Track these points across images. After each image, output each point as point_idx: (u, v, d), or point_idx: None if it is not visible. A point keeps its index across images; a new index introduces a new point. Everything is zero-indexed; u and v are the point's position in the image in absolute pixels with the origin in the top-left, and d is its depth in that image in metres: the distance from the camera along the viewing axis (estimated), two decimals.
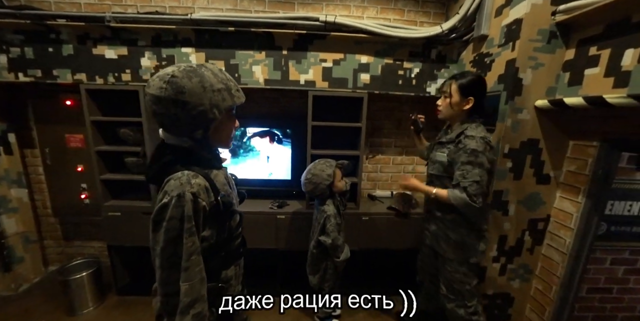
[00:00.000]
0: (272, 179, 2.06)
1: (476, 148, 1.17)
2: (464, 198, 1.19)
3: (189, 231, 0.68)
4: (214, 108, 0.71)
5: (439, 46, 1.74)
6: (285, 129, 2.00)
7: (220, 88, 0.72)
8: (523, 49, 1.31)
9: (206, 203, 0.72)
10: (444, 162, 1.30)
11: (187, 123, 0.70)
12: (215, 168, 0.81)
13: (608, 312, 1.73)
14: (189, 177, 0.69)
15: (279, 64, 1.74)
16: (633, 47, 1.06)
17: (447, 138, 1.33)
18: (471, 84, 1.24)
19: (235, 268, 0.88)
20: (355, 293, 2.01)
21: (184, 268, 0.68)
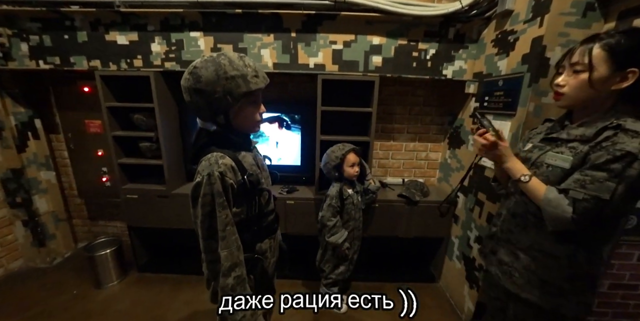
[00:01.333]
0: (281, 164, 2.06)
1: (633, 151, 0.71)
2: (566, 212, 0.77)
3: (222, 205, 0.76)
4: (228, 95, 0.76)
5: (458, 24, 1.61)
6: (295, 115, 1.98)
7: (234, 75, 0.75)
8: (553, 24, 1.18)
9: (233, 181, 0.79)
10: (563, 167, 0.83)
11: (207, 109, 0.79)
12: (244, 150, 0.89)
13: (631, 309, 1.64)
14: (217, 158, 0.78)
15: (288, 47, 1.69)
16: None
17: (572, 134, 0.85)
18: (633, 45, 0.74)
19: (269, 241, 0.97)
20: (363, 280, 2.05)
21: (221, 237, 0.77)
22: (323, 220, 1.63)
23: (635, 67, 0.73)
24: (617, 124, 0.76)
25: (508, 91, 1.39)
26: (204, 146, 0.82)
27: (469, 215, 1.70)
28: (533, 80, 1.25)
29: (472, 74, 1.71)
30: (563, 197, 0.79)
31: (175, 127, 1.96)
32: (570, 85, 0.82)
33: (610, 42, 0.75)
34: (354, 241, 1.71)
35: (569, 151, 0.83)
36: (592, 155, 0.77)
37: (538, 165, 0.90)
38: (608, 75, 0.76)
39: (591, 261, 0.86)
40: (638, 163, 0.71)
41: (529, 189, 0.87)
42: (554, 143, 0.90)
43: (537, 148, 0.94)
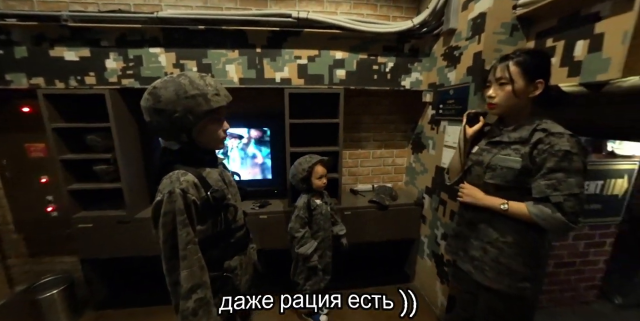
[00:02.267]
0: (252, 179, 2.03)
1: (570, 150, 0.87)
2: (558, 218, 0.87)
3: (182, 223, 0.75)
4: (189, 114, 0.77)
5: (412, 40, 1.79)
6: (264, 128, 1.98)
7: (195, 94, 0.77)
8: (488, 42, 1.38)
9: (196, 197, 0.78)
10: (515, 168, 0.96)
11: (169, 128, 0.78)
12: (209, 167, 0.89)
13: (573, 284, 1.89)
14: (178, 175, 0.77)
15: (254, 62, 1.71)
16: (582, 39, 1.15)
17: (512, 137, 1.01)
18: (537, 62, 0.95)
19: (240, 258, 0.95)
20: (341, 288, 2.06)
21: (182, 256, 0.75)
22: (291, 231, 1.63)
23: (541, 79, 0.95)
24: (542, 127, 0.94)
25: (458, 99, 1.56)
26: (168, 164, 0.82)
27: (435, 215, 1.82)
28: (478, 89, 1.43)
29: (427, 85, 1.89)
30: (543, 207, 0.91)
31: (136, 146, 1.83)
32: (500, 96, 1.00)
33: (520, 60, 0.95)
34: (325, 251, 1.72)
35: (514, 153, 0.98)
36: (538, 158, 0.92)
37: (493, 168, 1.03)
38: (524, 86, 0.96)
39: (545, 247, 1.01)
40: (575, 156, 0.88)
41: (513, 213, 0.97)
42: (498, 146, 1.04)
43: (486, 151, 1.08)
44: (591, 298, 1.94)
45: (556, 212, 0.88)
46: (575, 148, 0.88)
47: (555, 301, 1.89)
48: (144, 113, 0.79)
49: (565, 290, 1.87)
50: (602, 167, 1.68)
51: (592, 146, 1.65)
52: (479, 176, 1.07)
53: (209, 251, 0.83)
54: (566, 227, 0.88)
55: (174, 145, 0.83)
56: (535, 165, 0.93)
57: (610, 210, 1.75)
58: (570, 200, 0.86)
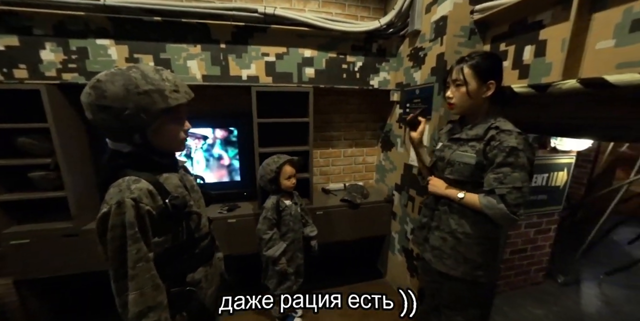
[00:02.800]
0: (219, 182, 1.93)
1: (516, 146, 0.93)
2: (501, 209, 0.94)
3: (133, 238, 0.66)
4: (141, 113, 0.68)
5: (379, 40, 1.82)
6: (231, 128, 1.89)
7: (149, 89, 0.68)
8: (450, 44, 1.45)
9: (151, 207, 0.70)
10: (470, 163, 1.04)
11: (117, 128, 0.69)
12: (168, 171, 0.80)
13: (525, 268, 2.08)
14: (128, 183, 0.68)
15: (218, 59, 1.61)
16: (530, 44, 1.26)
17: (469, 134, 1.07)
18: (489, 64, 1.02)
19: (205, 269, 0.87)
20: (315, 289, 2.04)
21: (131, 276, 0.66)
22: (259, 233, 1.57)
23: (493, 80, 1.01)
24: (495, 125, 1.01)
25: (424, 98, 1.62)
26: (116, 170, 0.72)
27: (404, 211, 1.88)
28: (441, 89, 1.50)
29: (395, 84, 1.94)
30: (491, 198, 0.97)
31: (83, 149, 1.63)
32: (457, 97, 1.07)
33: (473, 63, 1.02)
34: (296, 253, 1.68)
35: (470, 149, 1.05)
36: (489, 154, 0.99)
37: (452, 163, 1.10)
38: (477, 87, 1.02)
39: (499, 238, 1.10)
40: (521, 152, 0.94)
41: (468, 203, 1.05)
42: (458, 142, 1.11)
43: (447, 147, 1.15)
44: (540, 280, 2.15)
45: (500, 203, 0.94)
46: (521, 145, 0.94)
47: (510, 285, 2.06)
48: (85, 110, 0.69)
49: (519, 274, 2.06)
50: (547, 162, 1.87)
51: (538, 142, 1.82)
52: (442, 170, 1.15)
53: (169, 265, 0.75)
54: (508, 218, 0.95)
55: (124, 147, 0.73)
56: (487, 160, 1.00)
57: (554, 199, 1.95)
58: (513, 192, 0.93)
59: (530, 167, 0.96)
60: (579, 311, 1.92)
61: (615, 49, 0.96)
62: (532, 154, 0.97)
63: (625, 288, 2.17)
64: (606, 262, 2.43)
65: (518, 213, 0.94)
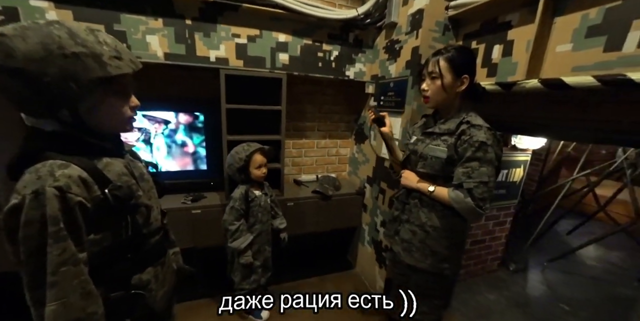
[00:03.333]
0: (183, 170, 1.80)
1: (485, 141, 0.94)
2: (468, 203, 0.95)
3: (56, 236, 0.53)
4: (70, 81, 0.54)
5: (356, 30, 1.78)
6: (197, 113, 1.76)
7: (79, 52, 0.54)
8: (425, 38, 1.45)
9: (84, 198, 0.57)
10: (441, 158, 1.04)
11: (35, 100, 0.55)
12: (109, 156, 0.67)
13: (483, 257, 2.22)
14: (52, 168, 0.54)
15: (182, 36, 1.47)
16: (498, 44, 1.30)
17: (442, 128, 1.07)
18: (464, 58, 1.02)
19: (155, 269, 0.76)
20: (284, 281, 2.03)
21: (51, 283, 0.53)
22: (225, 224, 1.50)
23: (467, 74, 1.01)
24: (467, 120, 1.01)
25: (398, 92, 1.62)
26: (35, 152, 0.57)
27: (375, 203, 1.91)
28: (415, 83, 1.50)
29: (370, 76, 1.92)
30: (459, 192, 0.98)
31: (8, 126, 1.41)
32: (432, 89, 1.06)
33: (449, 56, 1.01)
34: (264, 246, 1.63)
35: (442, 143, 1.05)
36: (460, 148, 0.99)
37: (425, 157, 1.10)
38: (452, 81, 1.02)
39: (465, 232, 1.14)
40: (490, 147, 0.95)
41: (437, 196, 1.05)
42: (431, 136, 1.11)
43: (420, 141, 1.15)
44: (495, 268, 2.32)
45: (468, 196, 0.95)
46: (490, 140, 0.95)
47: (470, 274, 2.20)
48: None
49: (477, 263, 2.20)
50: (507, 158, 1.98)
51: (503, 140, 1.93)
52: (415, 164, 1.15)
53: (110, 266, 0.65)
54: (474, 212, 0.96)
55: (47, 125, 0.59)
56: (458, 155, 1.00)
57: (511, 194, 2.10)
58: (480, 186, 0.94)
59: (497, 162, 0.98)
60: (525, 295, 2.11)
61: (572, 52, 1.02)
62: (499, 150, 0.98)
63: (563, 273, 2.42)
64: (549, 251, 2.69)
65: (484, 207, 0.95)
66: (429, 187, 1.08)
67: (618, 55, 0.89)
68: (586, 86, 0.93)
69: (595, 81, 0.89)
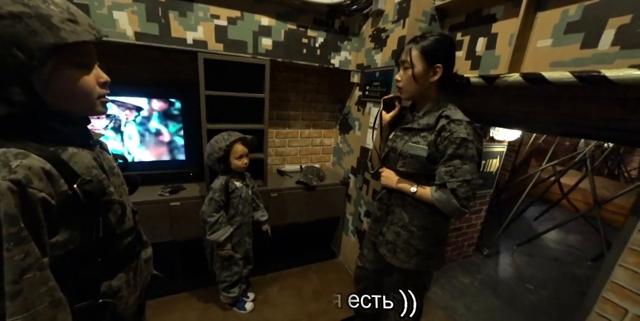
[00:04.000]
0: (158, 160, 1.71)
1: (466, 137, 0.90)
2: (452, 203, 0.91)
3: (15, 238, 0.44)
4: (14, 47, 0.44)
5: (342, 17, 1.72)
6: (172, 99, 1.65)
7: (20, 12, 0.44)
8: (411, 27, 1.43)
9: (48, 193, 0.49)
10: (422, 156, 0.99)
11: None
12: (75, 145, 0.58)
13: (460, 243, 2.34)
14: (6, 158, 0.45)
15: (155, 14, 1.35)
16: (482, 36, 1.31)
17: (421, 123, 1.01)
18: (437, 46, 0.95)
19: (126, 275, 0.68)
20: (267, 272, 2.02)
21: (12, 294, 0.45)
22: (203, 215, 1.44)
23: (440, 63, 0.95)
24: (446, 114, 0.96)
25: (383, 82, 1.61)
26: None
27: (359, 193, 1.92)
28: None
29: (356, 65, 1.88)
30: (442, 192, 0.95)
31: None
32: (404, 80, 1.01)
33: (422, 44, 0.95)
34: (244, 238, 1.60)
35: (422, 140, 1.00)
36: (440, 146, 0.95)
37: (404, 156, 1.05)
38: (424, 70, 0.96)
39: (448, 228, 1.14)
40: (471, 143, 0.91)
41: (420, 197, 1.02)
42: (410, 132, 1.06)
43: (399, 137, 1.10)
44: (470, 253, 2.46)
45: (452, 197, 0.91)
46: (471, 136, 0.91)
47: (447, 259, 2.30)
48: None
49: (455, 249, 2.31)
50: (485, 150, 2.06)
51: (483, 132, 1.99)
52: (394, 162, 1.10)
53: (76, 272, 0.57)
54: (459, 212, 0.93)
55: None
56: (439, 152, 0.96)
57: (488, 184, 2.19)
58: (463, 186, 0.90)
59: (479, 157, 0.95)
60: (496, 277, 2.26)
61: (552, 48, 1.04)
62: (480, 144, 0.95)
63: (530, 256, 2.61)
64: (518, 236, 2.88)
65: (469, 206, 0.93)
66: (410, 187, 1.03)
67: (593, 53, 0.92)
68: (563, 82, 0.95)
69: (572, 77, 0.92)
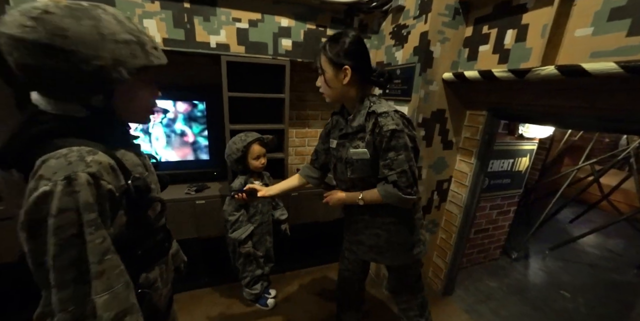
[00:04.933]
0: (183, 160, 1.78)
1: (395, 128, 0.90)
2: (396, 193, 0.93)
3: (94, 223, 0.50)
4: (119, 66, 0.54)
5: (361, 14, 1.71)
6: (195, 101, 1.72)
7: (128, 39, 0.54)
8: (434, 23, 1.39)
9: (114, 186, 0.54)
10: (366, 158, 0.98)
11: (77, 82, 0.52)
12: (123, 146, 0.64)
13: (485, 246, 2.24)
14: (81, 153, 0.51)
15: (181, 20, 1.41)
16: (512, 28, 1.24)
17: (354, 127, 0.99)
18: (339, 48, 0.92)
19: (159, 268, 0.73)
20: (286, 270, 2.05)
21: (97, 274, 0.50)
22: (225, 214, 1.49)
23: (346, 65, 0.92)
24: (372, 110, 0.95)
25: (404, 79, 1.57)
26: (43, 136, 0.53)
27: None
28: (422, 70, 1.45)
29: (375, 63, 1.86)
30: (386, 186, 0.95)
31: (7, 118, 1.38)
32: (321, 85, 0.99)
33: (328, 49, 0.93)
34: (264, 236, 1.63)
35: (361, 142, 0.98)
36: (377, 143, 0.94)
37: (351, 162, 1.02)
38: (333, 74, 0.94)
39: (413, 214, 1.11)
40: (401, 133, 0.91)
41: (370, 200, 1.02)
42: (348, 138, 1.03)
43: (341, 145, 1.06)
44: (497, 256, 2.35)
45: (394, 189, 0.93)
46: (400, 125, 0.91)
47: (472, 262, 2.22)
48: (16, 50, 0.47)
49: (480, 251, 2.22)
50: (513, 148, 1.95)
51: (507, 129, 1.89)
52: (343, 172, 1.07)
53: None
54: (405, 201, 0.95)
55: (78, 110, 0.56)
56: (379, 150, 0.95)
57: (516, 183, 2.08)
58: (403, 175, 0.92)
59: (412, 142, 0.95)
60: (525, 282, 2.14)
61: (592, 37, 0.97)
62: (411, 130, 0.96)
63: (564, 261, 2.44)
64: (550, 239, 2.71)
65: (412, 192, 0.94)
66: (357, 197, 1.03)
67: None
68: (607, 73, 0.88)
69: (617, 68, 0.85)
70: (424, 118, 1.55)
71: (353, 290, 1.40)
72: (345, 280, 1.38)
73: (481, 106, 1.57)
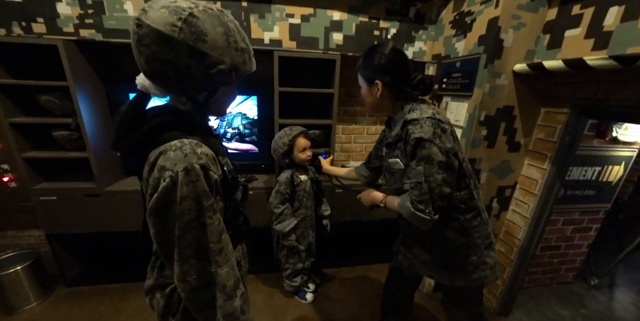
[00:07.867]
0: (236, 152, 1.88)
1: (422, 136, 0.83)
2: (408, 206, 0.86)
3: (211, 208, 0.58)
4: (234, 71, 0.60)
5: (418, 4, 1.59)
6: (250, 96, 1.79)
7: (243, 48, 0.60)
8: (507, 6, 1.21)
9: (218, 175, 0.62)
10: (401, 169, 0.93)
11: (199, 81, 0.57)
12: (211, 137, 0.70)
13: (555, 266, 1.92)
14: (192, 146, 0.57)
15: (239, 18, 1.48)
16: (617, 4, 1.01)
17: (392, 136, 0.97)
18: (366, 64, 0.95)
19: (241, 247, 0.83)
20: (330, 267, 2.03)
21: (217, 250, 0.60)
22: (270, 206, 1.53)
23: (377, 80, 0.93)
24: (406, 118, 0.90)
25: (465, 72, 1.42)
26: (161, 128, 0.58)
27: None
28: (489, 61, 1.29)
29: (432, 56, 1.72)
30: (403, 196, 0.89)
31: (103, 110, 1.62)
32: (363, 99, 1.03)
33: (358, 67, 0.98)
34: (307, 230, 1.64)
35: (399, 152, 0.94)
36: (408, 151, 0.88)
37: (392, 172, 0.99)
38: (367, 88, 0.98)
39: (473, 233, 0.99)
40: (427, 142, 0.83)
41: (390, 207, 0.98)
42: (390, 148, 1.00)
43: (387, 155, 1.03)
44: (569, 280, 2.00)
45: (407, 200, 0.86)
46: (428, 134, 0.83)
47: (535, 282, 1.93)
48: (158, 46, 0.51)
49: (547, 271, 1.91)
50: (601, 153, 1.62)
51: (596, 131, 1.57)
52: (387, 182, 1.06)
53: None
54: (415, 217, 0.85)
55: (184, 103, 0.63)
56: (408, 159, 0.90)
57: (603, 196, 1.73)
58: (416, 187, 0.84)
59: (444, 156, 0.83)
60: (611, 316, 1.77)
61: None
62: (444, 141, 0.84)
63: None
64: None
65: (426, 211, 0.83)
66: (379, 201, 1.03)
67: None
68: None
69: None
70: (486, 116, 1.38)
71: (402, 297, 1.35)
72: (396, 284, 1.33)
73: (563, 102, 1.34)
